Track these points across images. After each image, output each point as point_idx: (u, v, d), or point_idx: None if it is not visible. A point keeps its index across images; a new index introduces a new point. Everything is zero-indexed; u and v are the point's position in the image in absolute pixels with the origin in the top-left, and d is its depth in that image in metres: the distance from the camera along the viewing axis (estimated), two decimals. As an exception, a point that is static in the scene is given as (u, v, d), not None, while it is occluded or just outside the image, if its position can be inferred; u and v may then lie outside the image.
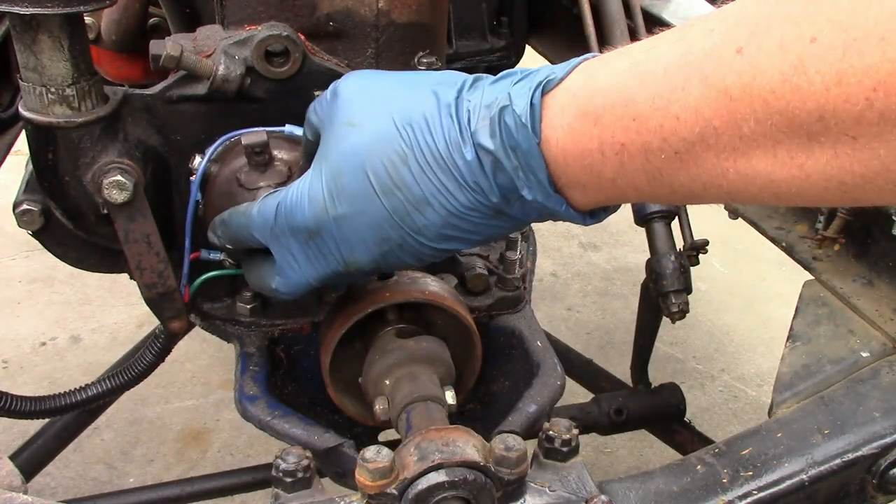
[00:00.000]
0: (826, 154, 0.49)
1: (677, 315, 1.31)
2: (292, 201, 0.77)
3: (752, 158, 0.52)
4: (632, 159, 0.59)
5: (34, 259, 2.83)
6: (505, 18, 1.67)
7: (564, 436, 0.76)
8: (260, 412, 0.91)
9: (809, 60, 0.47)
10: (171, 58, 0.84)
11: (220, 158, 0.91)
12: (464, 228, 0.71)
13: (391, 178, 0.70)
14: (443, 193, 0.69)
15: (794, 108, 0.48)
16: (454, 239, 0.72)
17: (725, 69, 0.51)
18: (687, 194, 0.60)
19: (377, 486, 0.67)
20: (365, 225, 0.73)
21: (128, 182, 0.84)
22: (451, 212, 0.70)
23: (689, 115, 0.54)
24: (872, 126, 0.46)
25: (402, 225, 0.71)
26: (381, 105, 0.73)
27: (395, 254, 0.74)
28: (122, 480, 2.03)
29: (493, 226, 0.71)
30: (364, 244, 0.74)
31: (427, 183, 0.69)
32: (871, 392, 0.91)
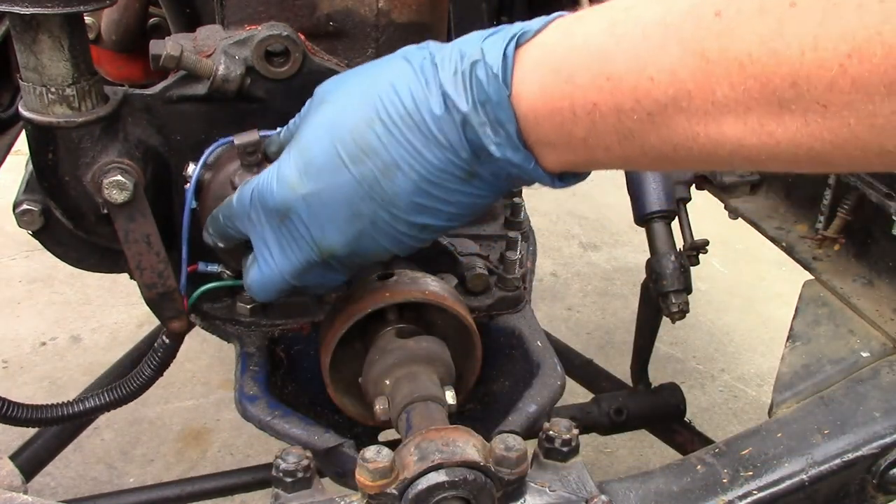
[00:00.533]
0: (796, 122, 0.49)
1: (677, 315, 1.31)
2: (264, 183, 0.75)
3: (722, 124, 0.52)
4: (604, 119, 0.59)
5: (34, 259, 2.83)
6: (505, 18, 1.67)
7: (564, 436, 0.76)
8: (260, 412, 0.91)
9: (788, 24, 0.47)
10: (171, 58, 0.84)
11: (214, 164, 0.91)
12: (436, 196, 0.68)
13: (358, 145, 0.68)
14: (412, 154, 0.66)
15: (768, 73, 0.48)
16: (428, 210, 0.69)
17: (704, 31, 0.51)
18: (657, 157, 0.59)
19: (377, 486, 0.67)
20: (334, 200, 0.70)
21: (128, 182, 0.84)
22: (421, 174, 0.67)
23: (665, 77, 0.53)
24: (844, 94, 0.46)
25: (373, 195, 0.69)
26: (351, 80, 0.73)
27: (368, 234, 0.72)
28: (122, 480, 2.03)
29: (466, 193, 0.69)
30: (335, 223, 0.72)
31: (395, 145, 0.67)
32: (871, 392, 0.92)
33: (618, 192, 1.42)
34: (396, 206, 0.69)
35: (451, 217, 0.71)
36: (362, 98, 0.69)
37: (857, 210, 1.12)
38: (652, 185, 1.32)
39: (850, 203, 1.12)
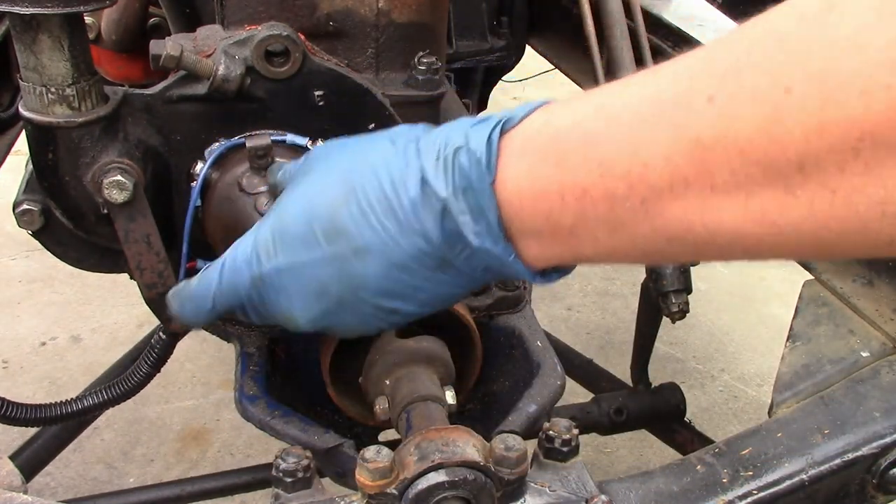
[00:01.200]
0: (801, 208, 0.47)
1: (677, 315, 1.31)
2: (240, 251, 0.74)
3: (721, 211, 0.50)
4: (594, 206, 0.56)
5: (34, 259, 2.83)
6: (505, 18, 1.68)
7: (564, 436, 0.76)
8: (260, 412, 0.91)
9: (786, 111, 0.45)
10: (171, 58, 0.84)
11: (221, 165, 0.91)
12: (407, 283, 0.66)
13: (332, 224, 0.66)
14: (383, 239, 0.64)
15: (772, 158, 0.46)
16: (398, 296, 0.67)
17: (696, 117, 0.49)
18: (648, 249, 0.56)
19: (377, 486, 0.67)
20: (305, 275, 0.69)
21: (128, 182, 0.84)
22: (392, 260, 0.65)
23: (659, 162, 0.51)
24: (855, 177, 0.44)
25: (342, 275, 0.67)
26: (336, 154, 0.71)
27: (334, 312, 0.70)
28: (122, 480, 2.03)
29: (439, 281, 0.66)
30: (302, 298, 0.70)
31: (367, 228, 0.65)
32: (871, 392, 0.91)
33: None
34: (365, 288, 0.67)
35: (422, 303, 0.69)
36: (343, 175, 0.68)
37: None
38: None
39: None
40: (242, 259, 0.73)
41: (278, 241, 0.70)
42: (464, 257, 0.64)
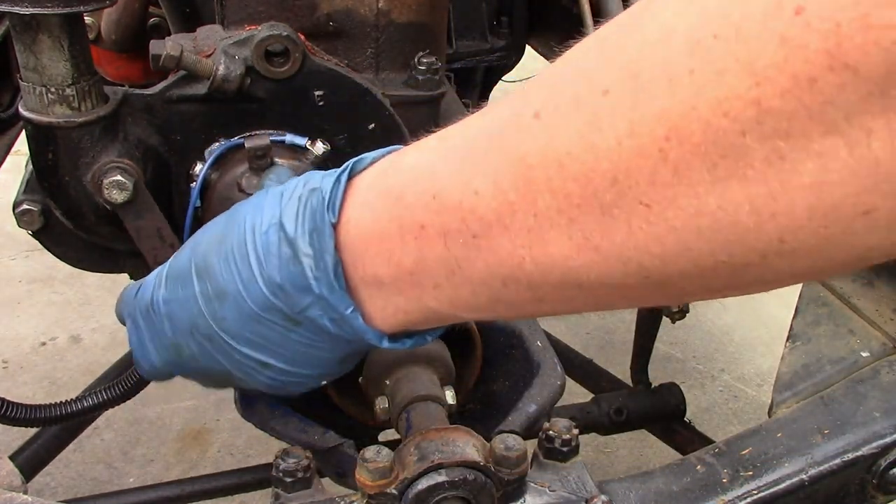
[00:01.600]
0: (621, 231, 0.44)
1: (677, 315, 1.31)
2: (151, 275, 0.76)
3: (548, 243, 0.47)
4: (430, 245, 0.53)
5: (34, 259, 2.83)
6: (505, 18, 1.67)
7: (564, 436, 0.76)
8: (260, 412, 0.91)
9: (603, 113, 0.43)
10: (171, 58, 0.84)
11: (221, 165, 0.91)
12: (264, 335, 0.65)
13: (205, 263, 0.67)
14: (238, 287, 0.64)
15: (587, 171, 0.44)
16: (261, 348, 0.66)
17: (523, 135, 0.47)
18: (489, 296, 0.54)
19: (377, 486, 0.67)
20: (180, 307, 0.70)
21: (128, 182, 0.84)
22: (246, 309, 0.64)
23: (488, 188, 0.49)
24: (666, 188, 0.41)
25: (208, 315, 0.67)
26: (245, 201, 0.70)
27: (209, 353, 0.70)
28: (122, 480, 2.03)
29: (293, 340, 0.65)
30: (180, 331, 0.71)
31: (227, 272, 0.64)
32: (871, 392, 0.91)
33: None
34: (228, 332, 0.67)
35: (292, 363, 0.67)
36: (228, 219, 0.68)
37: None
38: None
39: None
40: (147, 283, 0.75)
41: (168, 274, 0.72)
42: (308, 310, 0.61)
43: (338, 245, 0.58)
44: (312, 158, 0.92)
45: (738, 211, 0.40)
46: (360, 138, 0.95)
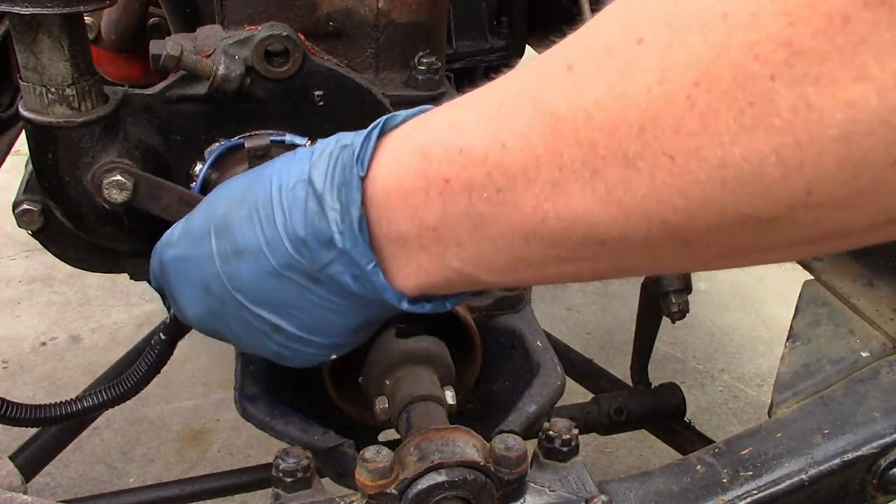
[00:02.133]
0: (644, 184, 0.44)
1: (677, 315, 1.31)
2: (163, 236, 0.76)
3: (571, 197, 0.47)
4: (455, 200, 0.54)
5: (34, 259, 2.83)
6: (505, 18, 1.68)
7: (564, 436, 0.76)
8: (260, 412, 0.91)
9: (635, 62, 0.43)
10: (171, 58, 0.84)
11: (220, 165, 0.91)
12: (281, 295, 0.65)
13: (224, 223, 0.67)
14: (260, 244, 0.64)
15: (614, 121, 0.44)
16: (277, 310, 0.67)
17: (555, 86, 0.47)
18: (512, 255, 0.54)
19: (377, 486, 0.67)
20: (193, 267, 0.70)
21: (127, 182, 0.84)
22: (266, 266, 0.64)
23: (517, 143, 0.49)
24: (691, 137, 0.41)
25: (223, 274, 0.67)
26: (267, 164, 0.71)
27: (220, 315, 0.70)
28: (122, 480, 2.03)
29: (311, 300, 0.65)
30: (191, 291, 0.71)
31: (248, 229, 0.65)
32: (871, 392, 0.92)
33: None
34: (243, 292, 0.67)
35: (305, 327, 0.68)
36: (248, 180, 0.69)
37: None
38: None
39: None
40: (160, 243, 0.76)
41: (181, 233, 0.72)
42: (329, 267, 0.62)
43: (364, 201, 0.59)
44: (312, 158, 0.92)
45: (764, 162, 0.40)
46: (360, 138, 0.95)
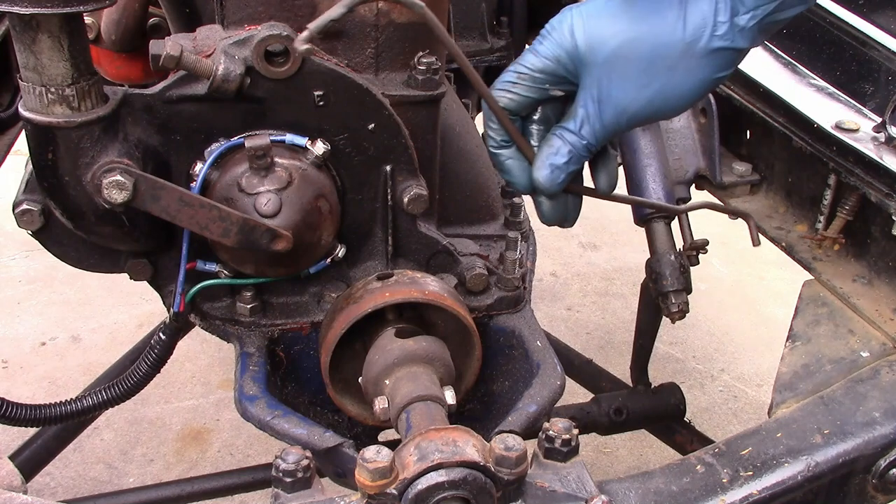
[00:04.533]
0: None
1: (677, 315, 1.31)
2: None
3: None
4: None
5: (34, 259, 2.83)
6: (505, 18, 1.68)
7: (564, 436, 0.76)
8: (260, 412, 0.91)
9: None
10: (171, 58, 0.84)
11: (221, 165, 0.91)
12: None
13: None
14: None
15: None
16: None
17: None
18: None
19: (377, 486, 0.67)
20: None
21: (127, 182, 0.83)
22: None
23: None
24: None
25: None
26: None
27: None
28: (122, 480, 2.03)
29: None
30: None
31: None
32: (871, 392, 0.92)
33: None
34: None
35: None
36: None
37: (857, 210, 1.12)
38: (652, 185, 1.32)
39: (850, 203, 1.12)
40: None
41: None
42: None
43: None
44: (312, 158, 0.92)
45: None
46: (360, 138, 0.95)
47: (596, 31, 0.78)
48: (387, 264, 1.02)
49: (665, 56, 0.77)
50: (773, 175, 1.30)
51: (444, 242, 1.03)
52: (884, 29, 1.25)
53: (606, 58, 0.78)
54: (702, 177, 1.35)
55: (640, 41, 0.77)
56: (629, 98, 0.79)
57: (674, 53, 0.76)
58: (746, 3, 0.74)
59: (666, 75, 0.77)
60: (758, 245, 1.06)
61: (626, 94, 0.78)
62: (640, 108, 0.79)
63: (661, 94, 0.78)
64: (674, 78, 0.77)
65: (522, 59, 0.82)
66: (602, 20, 0.78)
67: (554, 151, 0.82)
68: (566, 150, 0.82)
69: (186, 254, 0.93)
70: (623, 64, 0.78)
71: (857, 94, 1.21)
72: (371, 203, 0.99)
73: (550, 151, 0.83)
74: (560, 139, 0.82)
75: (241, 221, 0.87)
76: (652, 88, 0.78)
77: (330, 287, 1.01)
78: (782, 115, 1.20)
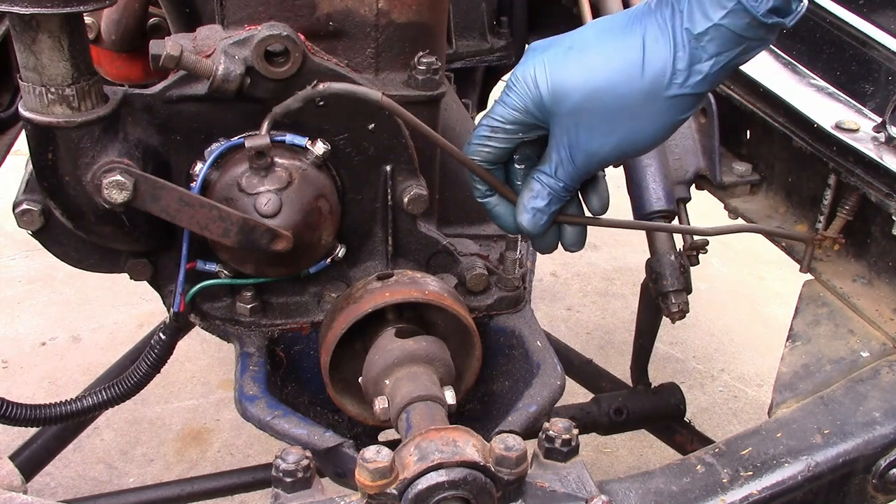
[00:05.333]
0: None
1: (677, 315, 1.31)
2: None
3: None
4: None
5: (34, 259, 2.83)
6: (505, 18, 1.68)
7: (564, 436, 0.76)
8: (260, 412, 0.91)
9: None
10: (171, 58, 0.84)
11: (221, 165, 0.91)
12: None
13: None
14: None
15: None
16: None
17: None
18: None
19: (377, 486, 0.67)
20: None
21: (127, 182, 0.83)
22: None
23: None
24: None
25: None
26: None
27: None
28: (122, 480, 2.03)
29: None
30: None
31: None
32: (871, 392, 0.92)
33: (618, 192, 1.44)
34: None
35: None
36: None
37: (857, 210, 1.12)
38: (652, 185, 1.32)
39: (850, 203, 1.12)
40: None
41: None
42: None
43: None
44: (312, 158, 0.92)
45: None
46: (360, 138, 0.95)
47: (559, 82, 0.81)
48: (387, 264, 1.02)
49: (626, 106, 0.79)
50: (773, 175, 1.30)
51: (444, 242, 1.03)
52: (884, 29, 1.25)
53: (571, 110, 0.81)
54: (702, 177, 1.35)
55: (602, 92, 0.79)
56: (596, 145, 0.82)
57: (635, 103, 0.79)
58: (709, 50, 0.76)
59: (629, 124, 0.80)
60: (805, 272, 1.08)
61: (594, 142, 0.81)
62: (608, 153, 0.82)
63: (627, 139, 0.81)
64: (637, 125, 0.80)
65: (493, 111, 0.86)
66: (564, 71, 0.81)
67: (534, 195, 0.86)
68: (545, 192, 0.85)
69: (186, 254, 0.93)
70: (587, 115, 0.80)
71: (857, 94, 1.21)
72: (371, 203, 0.99)
73: (531, 195, 0.86)
74: (538, 183, 0.86)
75: (241, 221, 0.87)
76: (617, 135, 0.81)
77: (330, 287, 1.01)
78: (782, 115, 1.20)
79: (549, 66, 0.81)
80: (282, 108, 0.88)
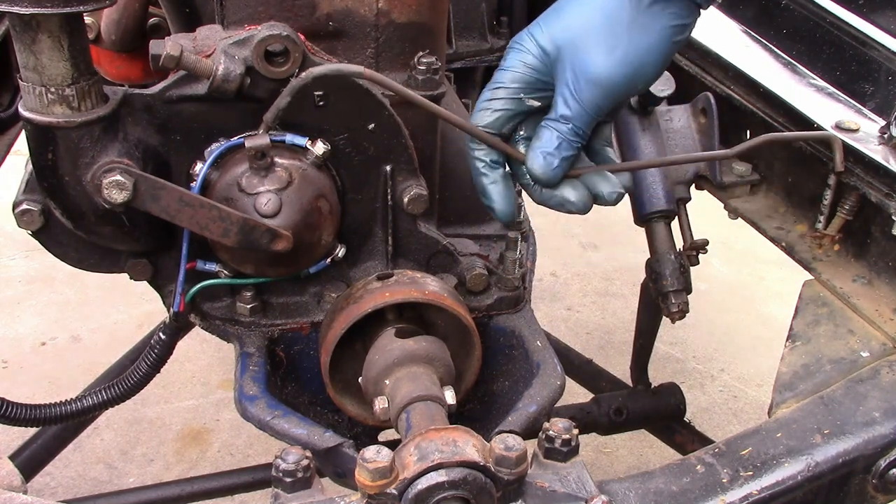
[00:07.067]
0: None
1: (677, 315, 1.31)
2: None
3: None
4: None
5: (34, 259, 2.83)
6: (505, 18, 1.68)
7: (564, 436, 0.76)
8: (260, 412, 0.91)
9: None
10: (171, 58, 0.84)
11: (221, 165, 0.91)
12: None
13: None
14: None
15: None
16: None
17: None
18: None
19: (377, 486, 0.67)
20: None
21: (127, 182, 0.83)
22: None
23: None
24: None
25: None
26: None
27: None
28: (122, 480, 2.03)
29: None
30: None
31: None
32: (871, 392, 0.92)
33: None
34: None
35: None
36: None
37: (857, 210, 1.12)
38: (652, 185, 1.32)
39: (850, 203, 1.12)
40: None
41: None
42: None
43: None
44: (312, 158, 0.92)
45: None
46: (360, 138, 0.95)
47: (556, 28, 0.84)
48: (387, 264, 1.02)
49: (619, 18, 0.82)
50: (773, 175, 1.30)
51: (444, 242, 1.03)
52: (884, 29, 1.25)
53: (572, 40, 0.83)
54: (702, 177, 1.35)
55: (594, 16, 0.82)
56: (599, 66, 0.83)
57: (625, 14, 0.82)
58: None
59: (626, 36, 0.82)
60: (841, 170, 1.05)
61: (597, 64, 0.83)
62: (612, 74, 0.83)
63: (629, 56, 0.82)
64: (634, 37, 0.82)
65: (494, 78, 0.87)
66: (558, 19, 0.84)
67: (543, 142, 0.85)
68: (555, 136, 0.85)
69: (186, 254, 0.93)
70: (587, 39, 0.83)
71: (857, 94, 1.21)
72: (371, 203, 0.99)
73: (539, 143, 0.86)
74: (546, 129, 0.85)
75: (241, 221, 0.87)
76: (619, 51, 0.82)
77: (330, 287, 1.01)
78: (782, 115, 1.20)
79: (542, 22, 0.85)
80: (272, 112, 0.88)
